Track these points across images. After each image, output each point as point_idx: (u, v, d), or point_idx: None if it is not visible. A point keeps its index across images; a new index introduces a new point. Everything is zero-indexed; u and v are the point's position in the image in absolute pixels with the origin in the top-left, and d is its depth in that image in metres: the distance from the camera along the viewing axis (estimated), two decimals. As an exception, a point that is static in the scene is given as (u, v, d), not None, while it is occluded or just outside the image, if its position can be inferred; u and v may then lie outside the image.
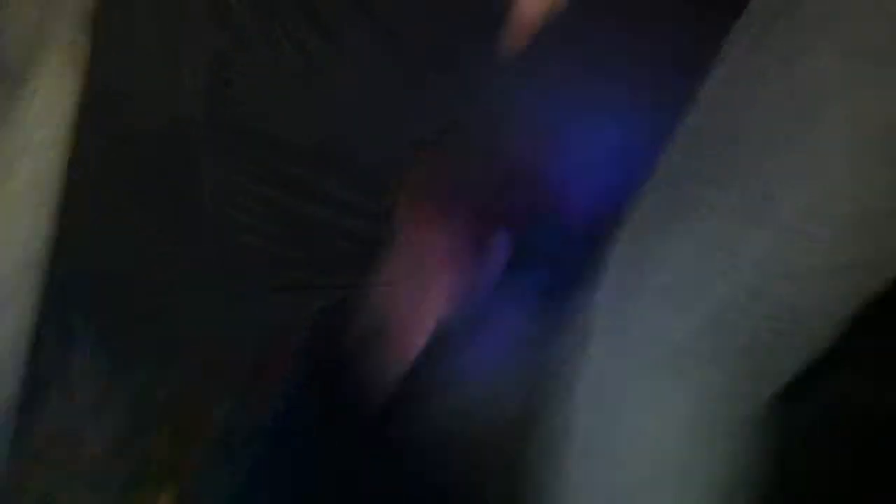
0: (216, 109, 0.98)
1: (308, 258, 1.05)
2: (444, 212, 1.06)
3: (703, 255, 0.49)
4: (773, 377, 0.50)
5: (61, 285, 0.84)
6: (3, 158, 0.79)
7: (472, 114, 1.05)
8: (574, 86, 1.03)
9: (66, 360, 0.88)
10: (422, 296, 1.02)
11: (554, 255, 1.07)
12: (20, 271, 0.81)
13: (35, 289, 0.82)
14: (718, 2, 0.65)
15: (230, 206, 1.01)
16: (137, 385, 0.94)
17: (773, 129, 0.47)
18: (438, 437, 0.87)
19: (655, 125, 0.58)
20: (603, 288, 0.54)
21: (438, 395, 0.92)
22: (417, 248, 1.04)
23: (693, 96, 0.52)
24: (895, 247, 0.48)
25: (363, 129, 1.03)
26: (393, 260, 1.03)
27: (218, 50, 0.97)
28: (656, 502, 0.50)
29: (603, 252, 0.53)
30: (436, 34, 1.01)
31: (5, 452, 0.81)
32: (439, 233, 1.05)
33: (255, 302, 1.03)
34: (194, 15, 0.95)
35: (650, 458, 0.50)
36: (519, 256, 1.06)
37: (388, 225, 1.05)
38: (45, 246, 0.83)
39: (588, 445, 0.53)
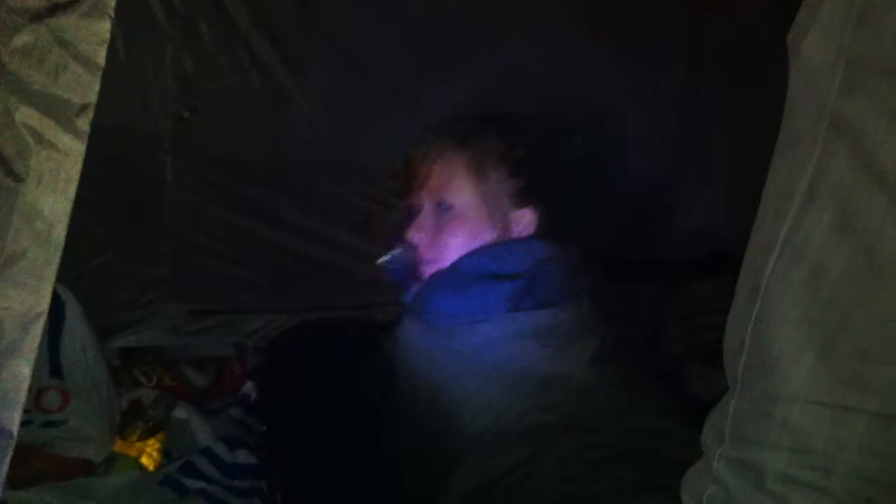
0: (182, 134, 1.02)
1: (264, 281, 1.09)
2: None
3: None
4: None
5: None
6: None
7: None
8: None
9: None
10: None
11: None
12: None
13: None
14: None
15: (190, 228, 1.05)
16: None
17: None
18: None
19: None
20: None
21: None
22: None
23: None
24: None
25: (323, 157, 1.07)
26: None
27: (187, 76, 1.00)
28: None
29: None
30: (397, 65, 1.05)
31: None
32: None
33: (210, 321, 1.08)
34: (165, 41, 0.99)
35: None
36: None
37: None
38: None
39: None
